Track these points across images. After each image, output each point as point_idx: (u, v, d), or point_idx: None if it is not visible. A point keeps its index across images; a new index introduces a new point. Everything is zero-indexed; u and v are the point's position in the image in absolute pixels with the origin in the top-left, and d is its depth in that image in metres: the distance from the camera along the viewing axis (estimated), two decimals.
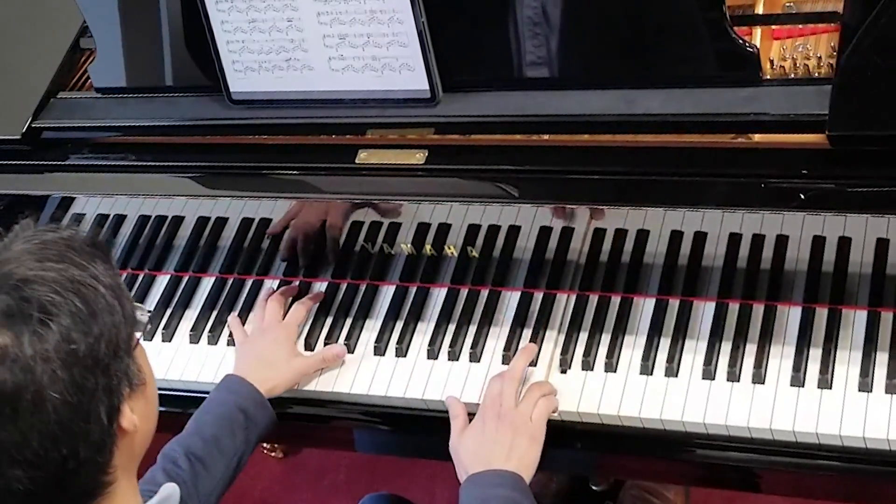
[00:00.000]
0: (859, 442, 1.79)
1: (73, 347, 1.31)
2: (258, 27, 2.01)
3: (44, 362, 1.29)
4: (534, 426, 1.91)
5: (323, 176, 2.04)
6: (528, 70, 1.96)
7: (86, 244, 1.41)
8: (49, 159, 2.21)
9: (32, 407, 1.29)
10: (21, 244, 1.38)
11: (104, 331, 1.35)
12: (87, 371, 1.32)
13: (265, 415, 2.00)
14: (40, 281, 1.33)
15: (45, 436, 1.30)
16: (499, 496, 1.81)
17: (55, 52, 2.30)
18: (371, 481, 2.98)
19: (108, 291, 1.37)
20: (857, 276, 1.93)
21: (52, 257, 1.36)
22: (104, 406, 1.35)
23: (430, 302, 2.13)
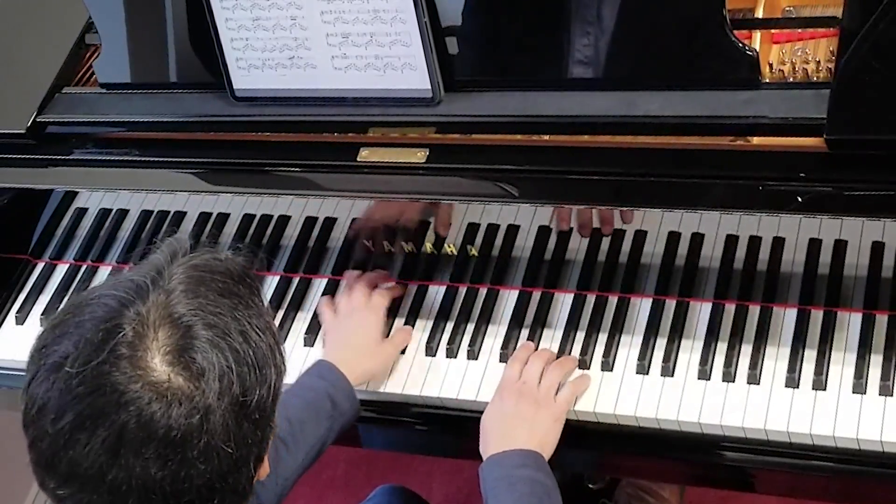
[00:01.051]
0: (853, 443, 1.79)
1: (246, 399, 1.28)
2: (262, 25, 2.01)
3: (218, 410, 1.26)
4: (557, 406, 1.90)
5: (324, 173, 2.03)
6: (529, 71, 1.96)
7: (246, 275, 1.37)
8: (53, 154, 2.20)
9: (201, 454, 1.25)
10: (185, 271, 1.33)
11: (271, 382, 1.32)
12: (253, 424, 1.29)
13: (351, 405, 1.95)
14: (215, 323, 1.29)
15: (203, 485, 1.27)
16: (523, 477, 1.80)
17: (60, 48, 2.30)
18: (369, 476, 2.98)
19: (275, 341, 1.34)
20: (852, 278, 1.93)
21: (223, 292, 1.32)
22: (254, 457, 1.32)
23: (429, 300, 2.13)
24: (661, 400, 1.90)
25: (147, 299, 1.29)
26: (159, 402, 1.23)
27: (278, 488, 1.83)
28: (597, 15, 1.91)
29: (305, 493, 3.05)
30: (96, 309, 1.29)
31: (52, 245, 2.42)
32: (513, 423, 1.88)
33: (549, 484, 1.81)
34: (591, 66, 1.94)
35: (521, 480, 1.79)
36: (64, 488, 1.28)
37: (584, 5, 1.91)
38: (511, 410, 1.89)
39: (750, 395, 1.87)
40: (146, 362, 1.25)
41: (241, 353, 1.28)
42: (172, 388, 1.24)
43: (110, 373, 1.24)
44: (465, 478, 2.95)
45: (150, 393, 1.24)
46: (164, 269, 1.32)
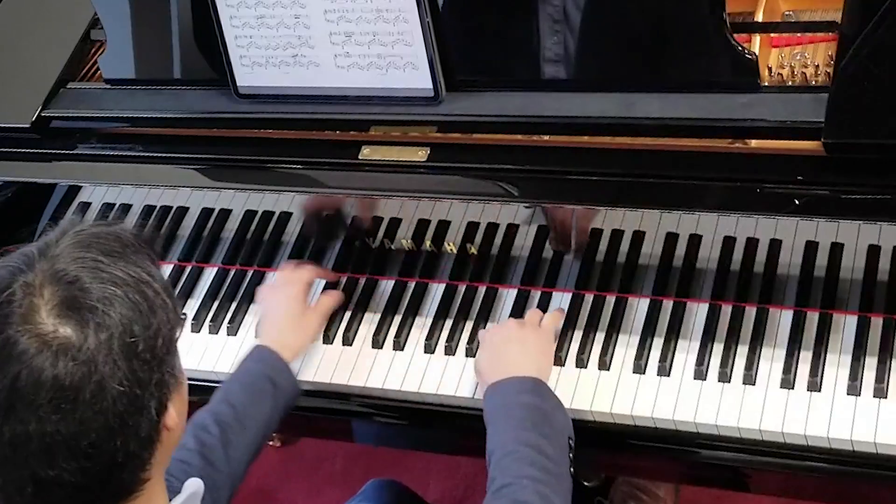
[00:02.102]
0: (847, 444, 1.79)
1: (133, 341, 1.32)
2: (266, 23, 2.01)
3: (107, 354, 1.30)
4: (544, 330, 1.96)
5: (326, 171, 2.04)
6: (531, 72, 1.96)
7: (136, 240, 1.42)
8: (57, 148, 2.21)
9: (93, 399, 1.29)
10: (72, 239, 1.38)
11: (161, 326, 1.36)
12: (144, 364, 1.33)
13: (290, 383, 1.99)
14: (98, 275, 1.34)
15: (102, 427, 1.30)
16: (520, 403, 1.81)
17: (66, 43, 2.30)
18: (367, 471, 2.98)
19: (161, 288, 1.39)
20: (848, 281, 1.93)
21: (106, 251, 1.37)
22: (155, 401, 1.35)
23: (429, 297, 2.13)
24: (657, 399, 1.90)
25: (35, 267, 1.34)
26: (47, 352, 1.28)
27: (230, 469, 1.85)
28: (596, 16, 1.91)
29: (303, 488, 3.06)
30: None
31: None
32: (504, 347, 1.92)
33: (547, 408, 1.82)
34: (591, 68, 1.94)
35: (519, 406, 1.81)
36: None
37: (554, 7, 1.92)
38: (499, 339, 1.94)
39: (745, 396, 1.86)
40: (34, 318, 1.30)
41: (125, 299, 1.33)
42: (59, 338, 1.29)
43: (2, 331, 1.30)
44: (461, 474, 2.96)
45: (38, 343, 1.29)
46: (53, 242, 1.38)
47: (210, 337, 2.18)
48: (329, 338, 2.11)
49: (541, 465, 1.72)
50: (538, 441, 1.75)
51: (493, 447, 1.77)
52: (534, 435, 1.76)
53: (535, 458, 1.72)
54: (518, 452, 1.73)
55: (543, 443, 1.75)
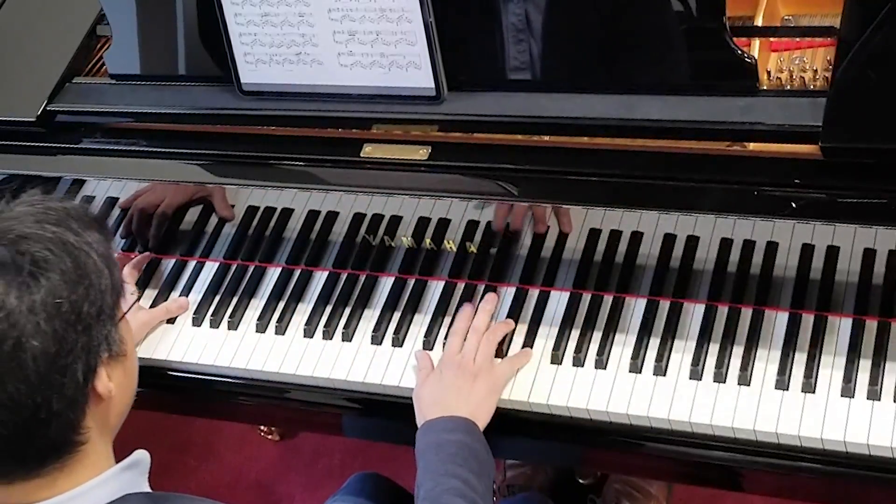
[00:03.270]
0: (840, 446, 1.79)
1: (59, 302, 1.35)
2: (270, 21, 2.01)
3: (29, 313, 1.33)
4: (495, 378, 1.94)
5: (328, 168, 2.04)
6: (532, 73, 1.96)
7: (84, 214, 1.45)
8: (62, 142, 2.20)
9: (12, 352, 1.33)
10: (24, 206, 1.43)
11: (90, 292, 1.39)
12: (69, 326, 1.36)
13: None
14: (36, 238, 1.37)
15: (20, 381, 1.34)
16: (452, 441, 1.82)
17: (72, 38, 2.30)
18: (364, 465, 2.97)
19: (99, 258, 1.42)
20: (843, 284, 1.93)
21: (51, 220, 1.40)
22: (81, 364, 1.38)
23: (428, 294, 2.13)
24: (652, 398, 1.90)
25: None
26: None
27: None
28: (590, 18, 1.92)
29: (301, 482, 3.06)
30: None
31: None
32: (448, 393, 1.91)
33: (478, 448, 1.83)
34: (592, 69, 1.94)
35: (449, 443, 1.82)
36: None
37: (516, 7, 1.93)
38: (449, 382, 1.92)
39: (740, 396, 1.87)
40: None
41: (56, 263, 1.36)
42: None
43: None
44: None
45: None
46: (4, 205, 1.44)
47: (211, 331, 2.18)
48: (329, 334, 2.11)
49: (470, 499, 1.74)
50: (467, 476, 1.77)
51: (423, 479, 1.79)
52: (464, 470, 1.77)
53: (464, 491, 1.74)
54: (447, 484, 1.75)
55: (472, 478, 1.77)
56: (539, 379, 1.97)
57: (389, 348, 2.08)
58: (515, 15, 1.93)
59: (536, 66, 1.96)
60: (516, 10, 1.93)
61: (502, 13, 1.94)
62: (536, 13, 1.93)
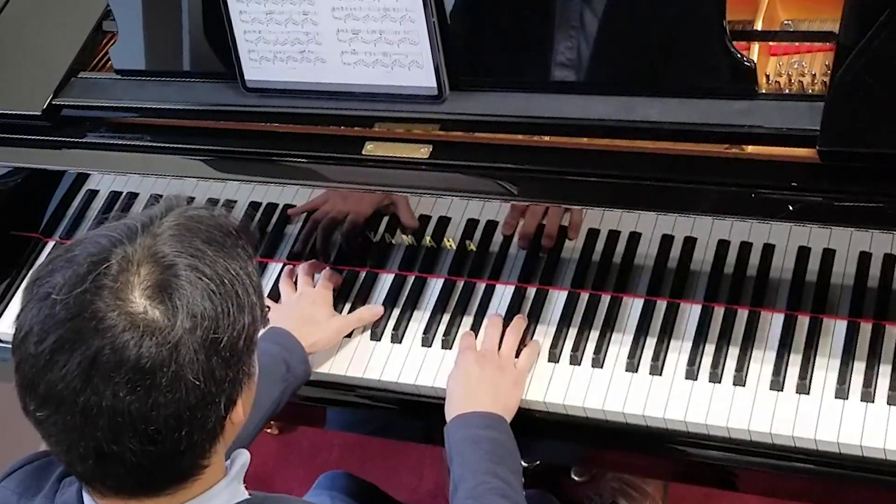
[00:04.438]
0: (833, 447, 1.79)
1: (217, 337, 1.31)
2: (275, 19, 2.01)
3: (189, 344, 1.29)
4: (517, 371, 1.95)
5: (330, 165, 2.04)
6: (533, 73, 1.96)
7: (237, 231, 1.41)
8: (67, 136, 2.20)
9: (168, 385, 1.29)
10: (177, 218, 1.37)
11: (246, 326, 1.35)
12: (224, 362, 1.33)
13: (303, 370, 1.98)
14: (196, 264, 1.33)
15: (171, 415, 1.30)
16: (487, 437, 1.82)
17: (78, 33, 2.30)
18: (362, 461, 2.98)
19: (253, 288, 1.38)
20: (839, 286, 1.93)
21: (208, 239, 1.36)
22: (225, 397, 1.35)
23: (427, 292, 2.13)
24: (648, 397, 1.90)
25: (136, 240, 1.34)
26: (133, 332, 1.27)
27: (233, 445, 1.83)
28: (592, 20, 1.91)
29: (300, 476, 3.06)
30: (88, 246, 1.34)
31: (62, 225, 2.42)
32: (477, 386, 1.90)
33: (511, 445, 1.83)
34: (593, 71, 1.94)
35: (485, 440, 1.81)
36: (42, 410, 1.32)
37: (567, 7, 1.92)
38: (475, 374, 1.92)
39: (735, 397, 1.87)
40: (126, 294, 1.29)
41: (216, 295, 1.32)
42: (147, 320, 1.28)
43: (92, 301, 1.29)
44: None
45: (126, 322, 1.28)
46: (157, 218, 1.37)
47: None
48: None
49: (512, 499, 1.74)
50: (508, 476, 1.77)
51: (465, 475, 1.77)
52: (504, 469, 1.78)
53: (507, 492, 1.75)
54: (491, 483, 1.75)
55: (511, 477, 1.78)
56: (536, 377, 1.97)
57: (388, 344, 2.08)
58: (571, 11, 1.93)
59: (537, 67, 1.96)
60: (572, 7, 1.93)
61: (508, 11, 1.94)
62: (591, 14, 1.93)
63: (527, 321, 2.03)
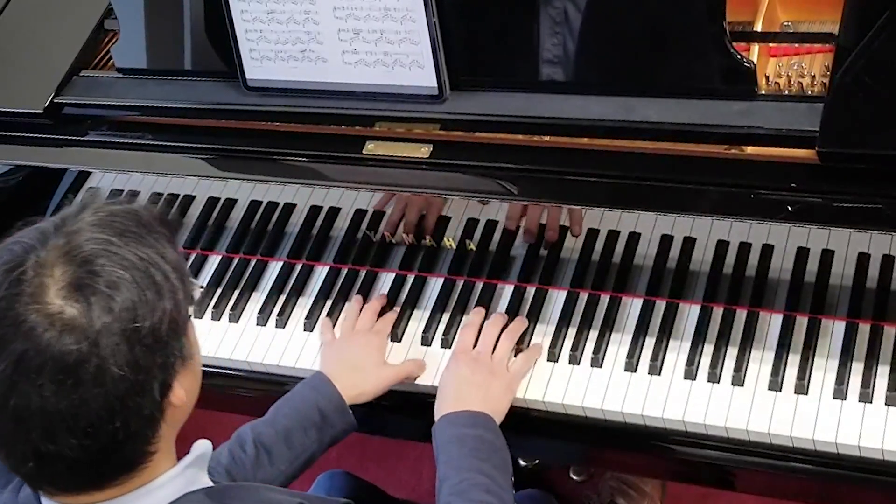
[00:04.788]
0: (831, 447, 1.79)
1: (138, 325, 1.32)
2: (276, 18, 2.01)
3: (109, 336, 1.30)
4: (510, 376, 1.94)
5: (331, 164, 2.04)
6: (534, 73, 1.96)
7: (154, 220, 1.41)
8: (69, 134, 2.20)
9: (94, 379, 1.30)
10: (90, 216, 1.38)
11: (168, 311, 1.35)
12: (147, 349, 1.33)
13: (343, 420, 1.92)
14: (110, 257, 1.34)
15: (102, 408, 1.31)
16: (474, 436, 1.82)
17: (80, 32, 2.30)
18: (361, 460, 2.98)
19: (173, 272, 1.38)
20: (837, 287, 1.93)
21: (121, 232, 1.36)
22: (158, 382, 1.36)
23: (427, 291, 2.13)
24: (647, 397, 1.90)
25: (48, 243, 1.35)
26: (53, 331, 1.29)
27: None
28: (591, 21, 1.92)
29: None
30: (3, 254, 1.36)
31: None
32: (468, 388, 1.90)
33: (498, 443, 1.83)
34: (592, 72, 1.94)
35: (471, 438, 1.81)
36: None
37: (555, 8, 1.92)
38: (467, 376, 1.91)
39: (734, 397, 1.87)
40: (42, 297, 1.31)
41: (132, 284, 1.33)
42: (65, 319, 1.30)
43: (11, 307, 1.31)
44: None
45: (45, 322, 1.29)
46: (71, 217, 1.39)
47: (212, 323, 2.18)
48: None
49: (497, 495, 1.74)
50: (492, 471, 1.76)
51: (448, 473, 1.77)
52: (489, 466, 1.77)
53: (491, 487, 1.74)
54: (474, 479, 1.74)
55: (496, 474, 1.77)
56: (535, 376, 1.97)
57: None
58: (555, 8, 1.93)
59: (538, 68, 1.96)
60: (556, 4, 1.92)
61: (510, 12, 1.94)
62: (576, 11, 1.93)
63: (527, 323, 2.02)
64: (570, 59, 1.95)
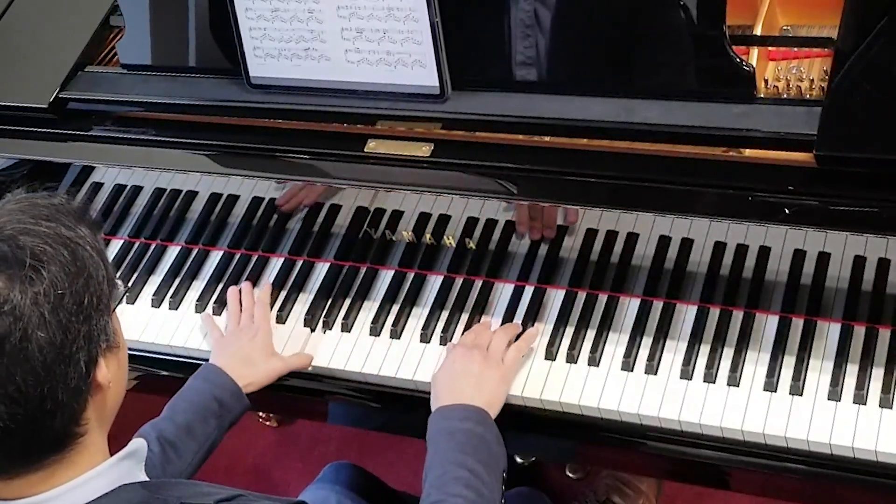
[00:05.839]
0: (825, 448, 1.79)
1: (61, 293, 1.35)
2: (280, 16, 2.01)
3: (33, 305, 1.32)
4: (506, 367, 1.94)
5: (332, 162, 2.03)
6: (535, 74, 1.96)
7: (72, 209, 1.44)
8: (73, 129, 2.20)
9: (19, 345, 1.32)
10: (11, 205, 1.42)
11: (90, 283, 1.38)
12: (71, 316, 1.35)
13: (240, 403, 1.99)
14: (32, 233, 1.36)
15: (28, 373, 1.33)
16: (463, 430, 1.81)
17: (86, 28, 2.30)
18: (359, 454, 2.98)
19: (93, 252, 1.41)
20: (833, 290, 1.93)
21: (42, 216, 1.40)
22: (83, 353, 1.38)
23: (426, 288, 2.13)
24: (643, 396, 1.90)
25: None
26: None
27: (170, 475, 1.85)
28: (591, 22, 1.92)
29: (298, 468, 3.05)
30: None
31: None
32: (462, 380, 1.90)
33: (489, 438, 1.82)
34: (592, 73, 1.94)
35: (461, 431, 1.81)
36: None
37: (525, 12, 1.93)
38: (460, 368, 1.92)
39: (729, 397, 1.86)
40: None
41: (54, 257, 1.36)
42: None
43: None
44: None
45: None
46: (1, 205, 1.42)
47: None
48: (329, 324, 2.11)
49: (476, 489, 1.73)
50: (475, 466, 1.76)
51: (431, 465, 1.78)
52: (472, 460, 1.76)
53: (471, 481, 1.74)
54: (455, 473, 1.74)
55: (480, 469, 1.76)
56: (533, 374, 1.97)
57: (387, 340, 2.08)
58: (524, 12, 1.93)
59: (539, 68, 1.96)
60: (525, 8, 1.93)
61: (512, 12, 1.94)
62: (546, 12, 1.93)
63: (520, 328, 2.02)
64: (571, 61, 1.95)
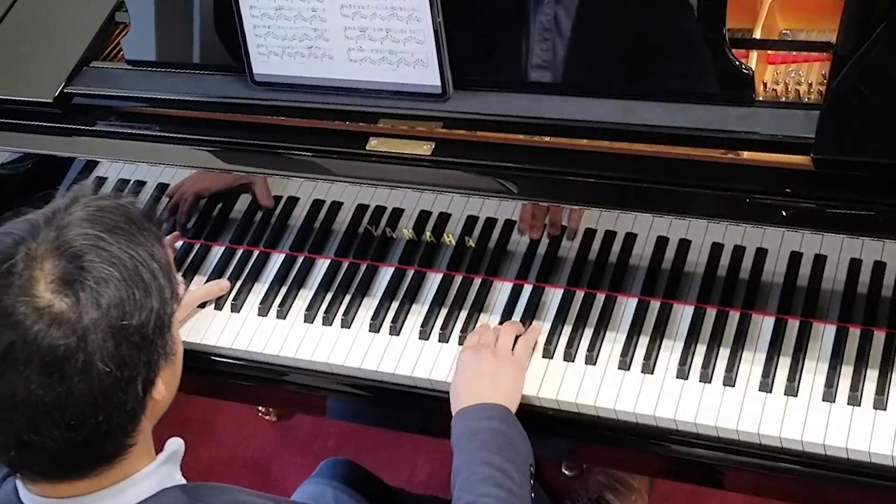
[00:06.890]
0: (819, 449, 1.79)
1: (125, 323, 1.32)
2: (284, 14, 2.00)
3: (96, 332, 1.30)
4: (517, 359, 1.93)
5: (334, 159, 2.03)
6: (536, 74, 1.96)
7: (142, 217, 1.41)
8: (78, 124, 2.20)
9: (80, 373, 1.30)
10: (80, 210, 1.38)
11: (154, 309, 1.35)
12: (134, 347, 1.33)
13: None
14: (99, 252, 1.33)
15: (86, 402, 1.31)
16: (487, 428, 1.80)
17: (91, 23, 2.29)
18: (357, 450, 2.98)
19: (160, 271, 1.38)
20: (829, 292, 1.93)
21: (111, 228, 1.36)
22: (142, 378, 1.36)
23: (426, 286, 2.13)
24: (639, 395, 1.89)
25: (38, 236, 1.35)
26: (41, 324, 1.29)
27: None
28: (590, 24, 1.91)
29: (297, 462, 3.05)
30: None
31: None
32: (477, 381, 1.89)
33: (513, 434, 1.81)
34: (593, 74, 1.93)
35: (484, 430, 1.80)
36: None
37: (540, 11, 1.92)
38: (474, 369, 1.90)
39: (725, 397, 1.86)
40: (32, 289, 1.31)
41: (121, 282, 1.33)
42: (53, 312, 1.30)
43: (1, 299, 1.31)
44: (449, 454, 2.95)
45: (34, 315, 1.30)
46: (61, 210, 1.38)
47: (215, 313, 2.17)
48: (328, 320, 2.11)
49: (506, 488, 1.72)
50: (503, 464, 1.74)
51: (459, 468, 1.77)
52: (499, 458, 1.75)
53: (500, 480, 1.72)
54: (483, 473, 1.73)
55: (508, 466, 1.75)
56: (530, 372, 1.96)
57: (387, 336, 2.07)
58: (545, 15, 1.92)
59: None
60: (546, 12, 1.92)
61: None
62: (565, 16, 1.92)
63: (521, 327, 2.01)
64: (572, 62, 1.94)
